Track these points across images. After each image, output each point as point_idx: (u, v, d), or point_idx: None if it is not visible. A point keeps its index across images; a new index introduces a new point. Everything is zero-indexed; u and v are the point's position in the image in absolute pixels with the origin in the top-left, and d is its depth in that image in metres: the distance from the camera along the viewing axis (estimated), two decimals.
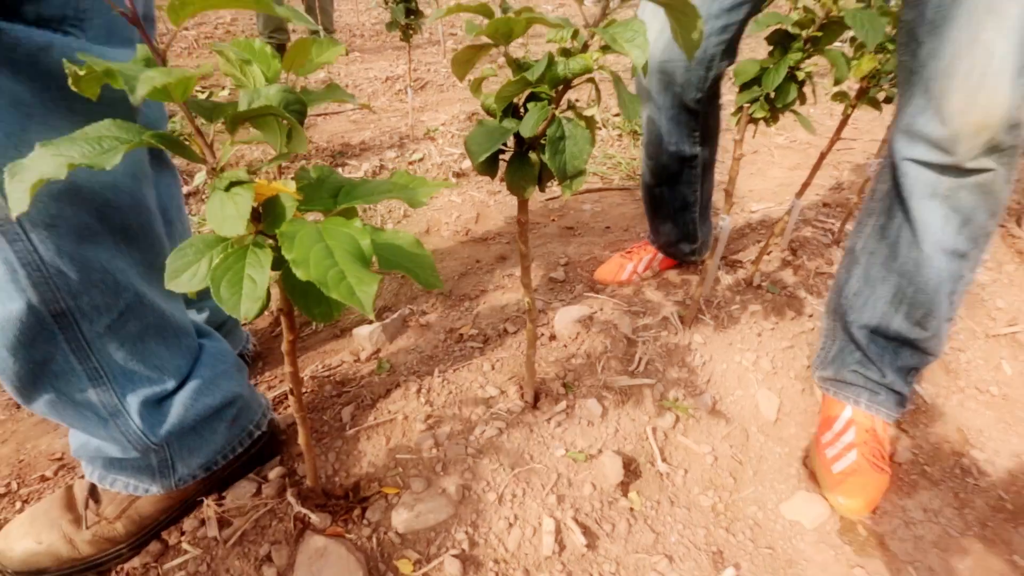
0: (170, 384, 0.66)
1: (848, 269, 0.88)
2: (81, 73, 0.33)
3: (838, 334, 0.92)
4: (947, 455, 0.95)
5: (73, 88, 0.34)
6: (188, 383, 0.68)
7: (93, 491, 0.69)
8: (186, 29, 3.78)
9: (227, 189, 0.32)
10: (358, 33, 3.98)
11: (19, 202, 0.28)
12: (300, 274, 0.29)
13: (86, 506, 0.68)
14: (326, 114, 2.35)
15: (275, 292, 0.48)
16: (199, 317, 0.95)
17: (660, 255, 1.27)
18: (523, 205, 0.63)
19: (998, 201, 0.73)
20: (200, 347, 0.72)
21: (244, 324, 1.20)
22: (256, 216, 0.36)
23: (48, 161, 0.29)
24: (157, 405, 0.65)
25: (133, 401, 0.63)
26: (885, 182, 0.80)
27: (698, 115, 0.98)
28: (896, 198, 0.78)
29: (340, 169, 1.88)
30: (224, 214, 0.32)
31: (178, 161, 1.78)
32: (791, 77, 0.79)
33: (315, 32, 3.11)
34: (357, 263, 0.30)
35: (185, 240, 0.91)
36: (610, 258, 1.30)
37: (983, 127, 0.65)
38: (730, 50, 0.90)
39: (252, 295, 0.31)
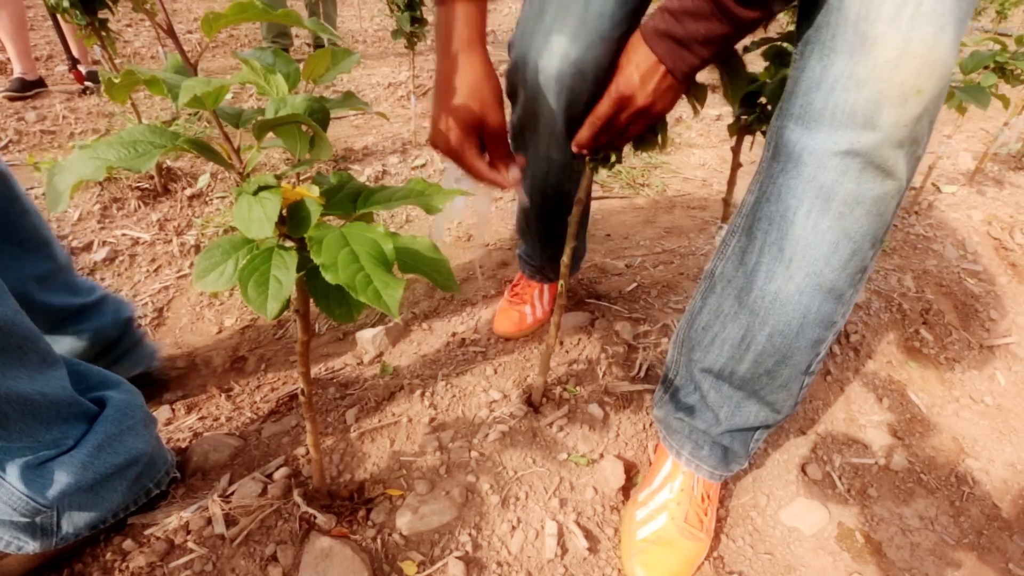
0: (52, 451, 0.62)
1: (703, 297, 0.71)
2: (116, 81, 0.34)
3: (680, 369, 0.77)
4: (943, 464, 0.96)
5: (106, 95, 0.35)
6: (86, 441, 0.64)
7: None
8: (190, 33, 3.80)
9: (255, 193, 0.33)
10: (361, 39, 4.01)
11: (57, 202, 0.29)
12: (329, 278, 0.30)
13: None
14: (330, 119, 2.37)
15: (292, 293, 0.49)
16: (80, 343, 0.87)
17: (546, 285, 1.14)
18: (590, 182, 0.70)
19: (885, 227, 0.57)
20: (103, 400, 0.68)
21: (259, 321, 1.20)
22: (279, 219, 0.37)
23: (87, 163, 0.30)
24: (41, 467, 0.61)
25: (12, 470, 0.59)
26: (754, 192, 0.63)
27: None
28: (763, 214, 0.60)
29: None
30: (252, 217, 0.33)
31: (180, 163, 1.79)
32: None
33: (333, 43, 3.14)
34: (381, 267, 0.31)
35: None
36: (501, 309, 1.14)
37: (916, 88, 0.48)
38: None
39: (278, 295, 0.32)
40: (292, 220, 0.35)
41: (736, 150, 0.87)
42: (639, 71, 0.59)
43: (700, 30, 0.54)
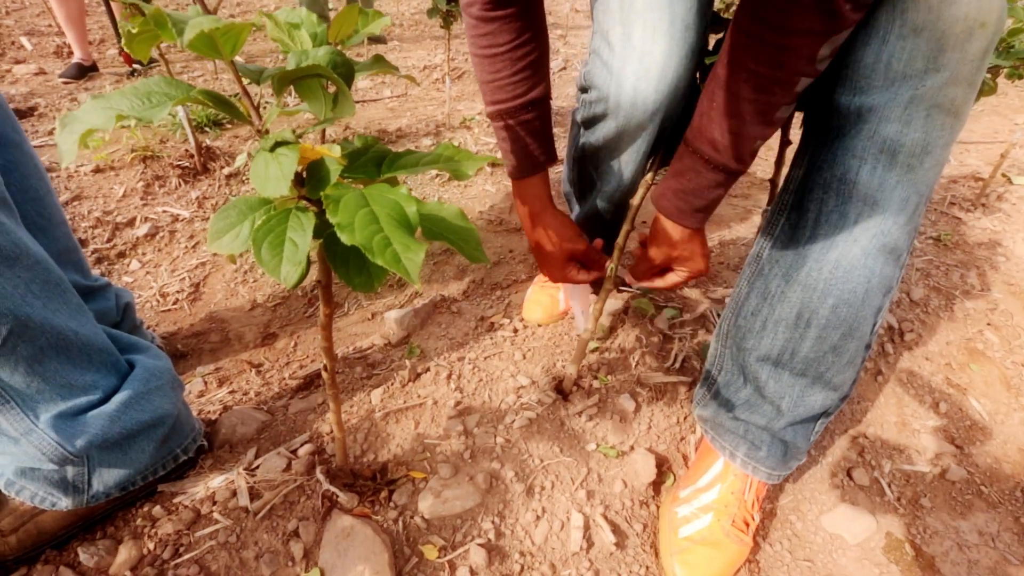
0: (85, 399, 0.63)
1: (749, 281, 0.69)
2: (134, 31, 0.33)
3: (726, 364, 0.74)
4: (1006, 476, 0.88)
5: (126, 48, 0.33)
6: (115, 396, 0.65)
7: None
8: (232, 17, 3.87)
9: (272, 150, 0.31)
10: (397, 22, 4.00)
11: (68, 153, 0.28)
12: (345, 238, 0.27)
13: None
14: (364, 101, 2.37)
15: (314, 265, 0.47)
16: None
17: None
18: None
19: (938, 180, 0.56)
20: (132, 363, 0.69)
21: (287, 293, 1.21)
22: (299, 181, 0.35)
23: (98, 113, 0.28)
24: (73, 418, 0.62)
25: (45, 416, 0.60)
26: (801, 165, 0.61)
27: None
28: (817, 183, 0.58)
29: None
30: (268, 175, 0.31)
31: (219, 143, 1.82)
32: None
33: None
34: (402, 229, 0.28)
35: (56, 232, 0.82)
36: (531, 294, 1.10)
37: (979, 22, 0.46)
38: None
39: (293, 258, 0.30)
40: (311, 180, 0.33)
41: (786, 126, 0.80)
42: (675, 246, 0.67)
43: (721, 192, 0.60)
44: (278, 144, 0.31)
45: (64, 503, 0.65)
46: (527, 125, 0.69)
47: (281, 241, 0.30)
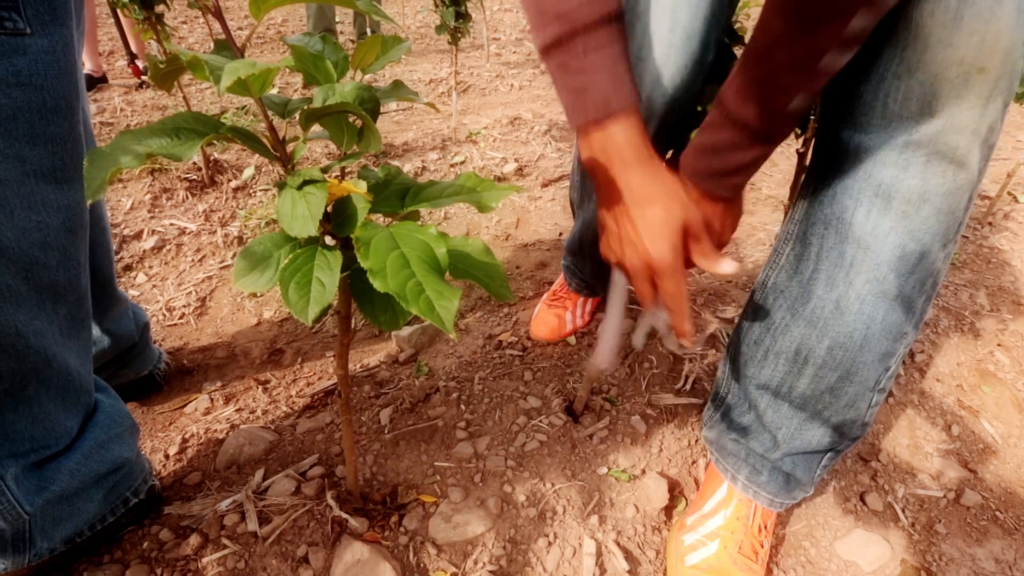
0: (55, 446, 0.57)
1: (754, 309, 0.67)
2: (161, 67, 0.33)
3: (732, 386, 0.73)
4: (1021, 502, 0.87)
5: (151, 81, 0.33)
6: (77, 447, 0.59)
7: None
8: (240, 29, 3.91)
9: (299, 188, 0.31)
10: (403, 37, 4.04)
11: (98, 191, 0.27)
12: (378, 285, 0.27)
13: None
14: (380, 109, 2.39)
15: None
16: (109, 338, 0.87)
17: (584, 298, 1.09)
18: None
19: (957, 224, 0.52)
20: (96, 404, 0.63)
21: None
22: (324, 216, 0.35)
23: (127, 151, 0.28)
24: (36, 468, 0.56)
25: (11, 465, 0.54)
26: (807, 196, 0.59)
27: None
28: (818, 218, 0.56)
29: None
30: (295, 213, 0.31)
31: (227, 156, 1.82)
32: None
33: (374, 30, 3.16)
34: (434, 274, 0.28)
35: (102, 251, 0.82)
36: (539, 312, 1.09)
37: (977, 67, 0.43)
38: None
39: (320, 299, 0.30)
40: (337, 218, 0.33)
41: (803, 152, 0.80)
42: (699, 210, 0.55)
43: (745, 159, 0.51)
44: (306, 182, 0.31)
45: (2, 565, 0.58)
46: (599, 51, 0.49)
47: (308, 281, 0.30)
